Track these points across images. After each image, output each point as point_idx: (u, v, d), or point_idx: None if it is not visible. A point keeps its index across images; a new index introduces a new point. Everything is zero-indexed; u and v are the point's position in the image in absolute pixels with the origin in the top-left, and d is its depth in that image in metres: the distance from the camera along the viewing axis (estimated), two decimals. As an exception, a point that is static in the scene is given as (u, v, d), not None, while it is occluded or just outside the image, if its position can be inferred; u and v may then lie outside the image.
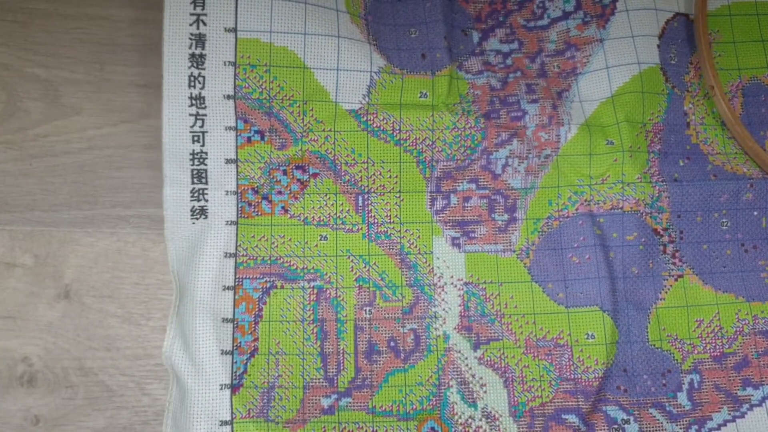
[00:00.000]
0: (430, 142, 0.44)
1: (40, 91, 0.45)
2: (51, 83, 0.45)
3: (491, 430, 0.41)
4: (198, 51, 0.42)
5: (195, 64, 0.42)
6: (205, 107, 0.42)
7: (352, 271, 0.43)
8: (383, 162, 0.44)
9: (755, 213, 0.45)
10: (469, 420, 0.41)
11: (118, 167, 0.44)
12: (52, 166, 0.44)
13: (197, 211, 0.42)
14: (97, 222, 0.44)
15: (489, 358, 0.42)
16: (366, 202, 0.44)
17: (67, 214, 0.44)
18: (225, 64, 0.43)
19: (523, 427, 0.41)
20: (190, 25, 0.42)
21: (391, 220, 0.44)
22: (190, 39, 0.42)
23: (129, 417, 0.43)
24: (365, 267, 0.43)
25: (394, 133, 0.44)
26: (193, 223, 0.42)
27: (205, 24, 0.42)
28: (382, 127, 0.44)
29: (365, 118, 0.44)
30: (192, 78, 0.42)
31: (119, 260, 0.43)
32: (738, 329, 0.43)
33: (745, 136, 0.44)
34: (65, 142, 0.44)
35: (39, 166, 0.44)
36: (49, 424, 0.42)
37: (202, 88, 0.42)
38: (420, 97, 0.44)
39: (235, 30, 0.43)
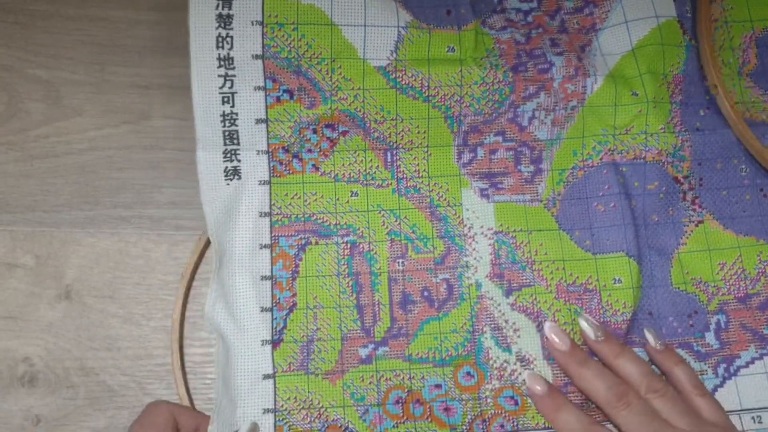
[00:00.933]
0: (459, 98, 0.45)
1: (41, 92, 0.45)
2: (52, 84, 0.45)
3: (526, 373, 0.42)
4: (225, 11, 0.43)
5: (222, 25, 0.43)
6: (234, 68, 0.43)
7: (384, 225, 0.44)
8: (411, 119, 0.44)
9: (774, 159, 0.46)
10: (504, 364, 0.42)
11: (119, 168, 0.45)
12: (54, 166, 0.45)
13: (230, 171, 0.43)
14: (98, 222, 0.44)
15: (521, 304, 0.43)
16: (395, 158, 0.44)
17: (68, 214, 0.44)
18: (253, 24, 0.43)
19: (557, 370, 0.42)
20: None
21: (420, 175, 0.44)
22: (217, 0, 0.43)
23: (130, 417, 0.43)
24: (396, 221, 0.44)
25: (423, 90, 0.44)
26: (228, 184, 0.42)
27: None
28: (410, 84, 0.44)
29: (394, 75, 0.44)
30: (220, 38, 0.43)
31: (120, 261, 0.44)
32: (760, 270, 0.44)
33: (748, 136, 0.45)
34: (66, 143, 0.45)
35: (40, 166, 0.44)
36: (50, 424, 0.42)
37: (231, 48, 0.43)
38: (448, 51, 0.45)
39: None
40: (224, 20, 0.42)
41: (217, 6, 0.42)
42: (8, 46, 0.46)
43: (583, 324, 0.41)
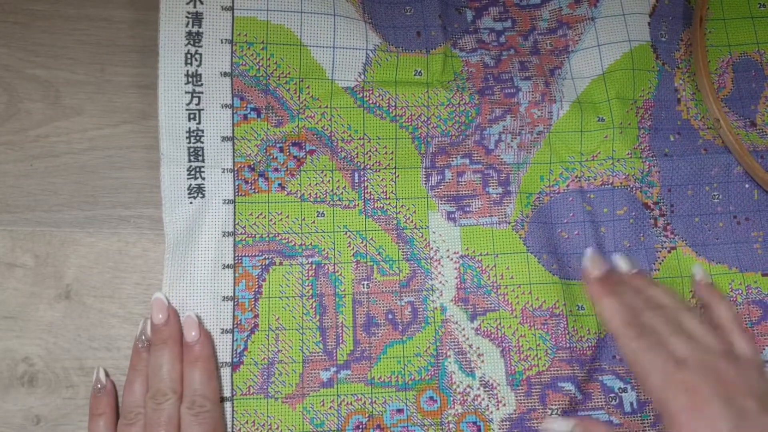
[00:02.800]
0: (426, 118, 0.44)
1: (40, 92, 0.45)
2: (52, 84, 0.45)
3: (489, 398, 0.41)
4: (195, 29, 0.43)
5: (192, 42, 0.43)
6: (202, 84, 0.43)
7: (350, 246, 0.43)
8: (379, 138, 0.44)
9: (746, 186, 0.45)
10: (467, 389, 0.41)
11: (119, 168, 0.44)
12: (53, 166, 0.44)
13: (194, 189, 0.42)
14: (97, 222, 0.44)
15: (486, 329, 0.42)
16: (362, 179, 0.44)
17: (68, 214, 0.44)
18: (222, 42, 0.43)
19: (520, 396, 0.41)
20: (187, 3, 0.43)
21: (387, 196, 0.44)
22: (187, 17, 0.43)
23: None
24: (362, 242, 0.43)
25: (390, 110, 0.44)
26: (191, 202, 0.42)
27: (201, 3, 0.43)
28: (378, 104, 0.44)
29: (361, 94, 0.44)
30: (189, 55, 0.43)
31: (120, 260, 0.43)
32: (732, 299, 0.44)
33: (755, 167, 0.44)
34: (66, 142, 0.45)
35: (40, 166, 0.44)
36: (50, 424, 0.42)
37: (199, 65, 0.43)
38: (415, 75, 0.45)
39: (231, 8, 0.43)
40: (194, 38, 0.43)
41: (187, 24, 0.43)
42: (8, 46, 0.46)
43: (619, 260, 0.41)
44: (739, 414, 0.33)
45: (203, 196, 0.42)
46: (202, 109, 0.43)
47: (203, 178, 0.42)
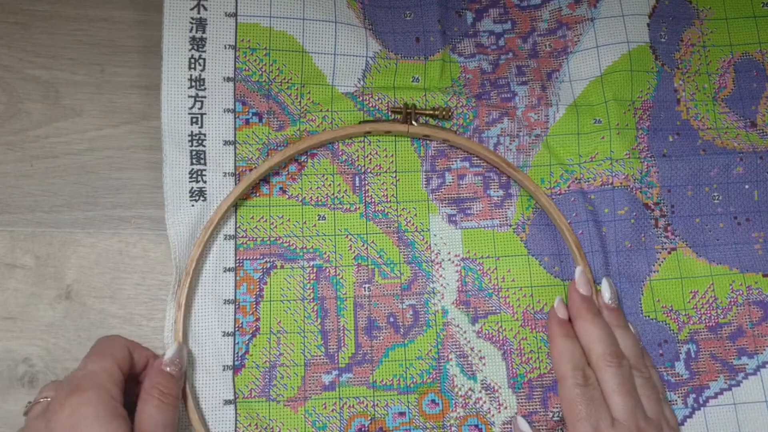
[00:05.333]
0: (424, 121, 0.44)
1: (41, 93, 0.45)
2: (52, 85, 0.45)
3: (491, 401, 0.41)
4: (199, 34, 0.43)
5: (195, 47, 0.43)
6: (205, 89, 0.43)
7: (351, 249, 0.43)
8: (379, 141, 0.44)
9: (746, 186, 0.45)
10: (469, 392, 0.41)
11: (119, 168, 0.45)
12: (53, 167, 0.44)
13: (196, 192, 0.42)
14: (98, 223, 0.44)
15: (487, 332, 0.42)
16: (363, 182, 0.44)
17: (68, 215, 0.44)
18: (225, 48, 0.43)
19: (522, 398, 0.41)
20: (191, 9, 0.43)
21: (388, 200, 0.44)
22: (191, 23, 0.43)
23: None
24: (363, 245, 0.43)
25: (389, 112, 0.44)
26: (192, 205, 0.42)
27: (206, 9, 0.43)
28: (377, 107, 0.44)
29: (361, 98, 0.45)
30: (192, 60, 0.43)
31: (120, 261, 0.44)
32: (732, 300, 0.44)
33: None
34: (66, 143, 0.45)
35: (40, 167, 0.44)
36: None
37: (203, 70, 0.43)
38: (412, 81, 0.45)
39: (235, 15, 0.44)
40: (197, 43, 0.43)
41: (191, 29, 0.43)
42: (8, 47, 0.46)
43: (605, 284, 0.42)
44: None
45: (205, 200, 0.42)
46: (205, 113, 0.43)
47: (205, 182, 0.43)
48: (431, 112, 0.44)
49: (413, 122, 0.44)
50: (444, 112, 0.44)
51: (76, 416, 0.34)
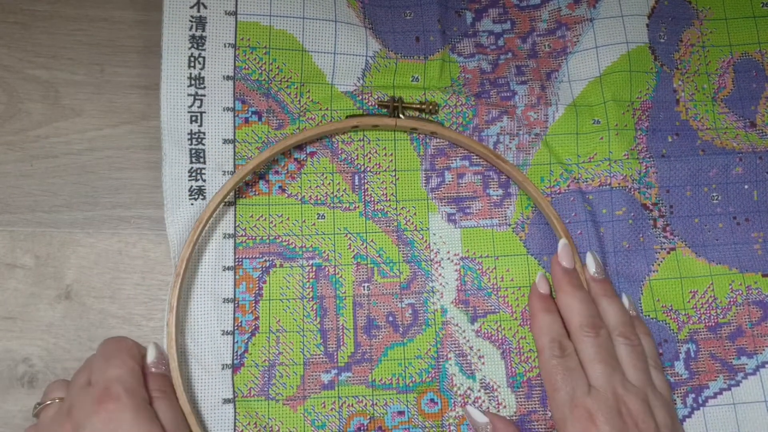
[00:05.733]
0: (427, 116, 0.44)
1: (40, 93, 0.45)
2: (52, 85, 0.45)
3: (490, 400, 0.41)
4: (198, 33, 0.43)
5: (195, 45, 0.43)
6: (204, 87, 0.43)
7: (350, 248, 0.43)
8: (378, 140, 0.44)
9: (746, 186, 0.45)
10: (468, 391, 0.41)
11: (119, 168, 0.45)
12: (53, 167, 0.44)
13: (195, 191, 0.42)
14: (97, 223, 0.44)
15: (486, 331, 0.42)
16: (362, 181, 0.44)
17: (68, 215, 0.44)
18: (225, 46, 0.43)
19: (521, 397, 0.41)
20: (191, 7, 0.43)
21: (388, 198, 0.44)
22: (191, 21, 0.43)
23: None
24: (363, 244, 0.43)
25: (376, 106, 0.44)
26: (192, 204, 0.42)
27: (205, 7, 0.43)
28: (376, 106, 0.44)
29: (360, 97, 0.45)
30: (192, 58, 0.43)
31: (120, 261, 0.44)
32: (732, 300, 0.44)
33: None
34: (66, 143, 0.45)
35: (40, 167, 0.44)
36: None
37: (202, 68, 0.43)
38: (412, 80, 0.45)
39: (235, 13, 0.44)
40: (197, 41, 0.43)
41: (191, 28, 0.43)
42: (8, 47, 0.46)
43: (590, 258, 0.42)
44: None
45: (204, 198, 0.42)
46: (204, 112, 0.43)
47: (204, 180, 0.43)
48: (418, 105, 0.44)
49: (400, 116, 0.44)
50: (430, 106, 0.44)
51: (114, 422, 0.34)
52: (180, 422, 0.37)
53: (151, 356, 0.39)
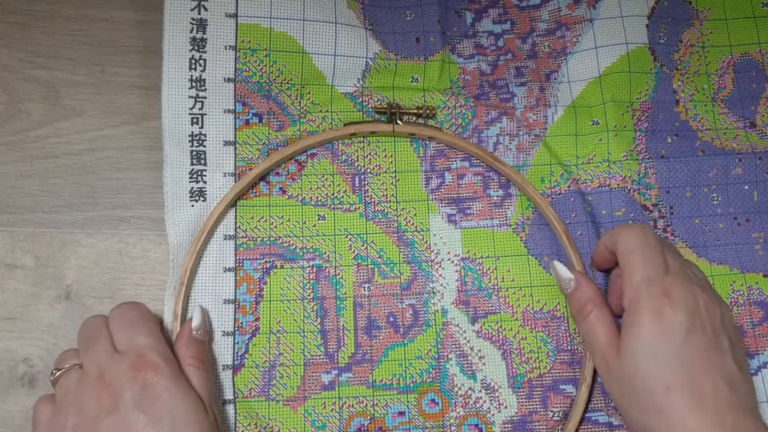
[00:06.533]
0: (422, 121, 0.44)
1: (41, 93, 0.45)
2: (52, 85, 0.45)
3: (491, 401, 0.41)
4: (199, 35, 0.43)
5: (196, 48, 0.43)
6: (206, 89, 0.43)
7: (351, 249, 0.43)
8: (378, 141, 0.45)
9: (746, 187, 0.45)
10: (469, 391, 0.41)
11: (119, 168, 0.45)
12: (53, 167, 0.44)
13: (196, 192, 0.43)
14: (97, 223, 0.44)
15: (487, 331, 0.42)
16: (363, 182, 0.44)
17: (68, 215, 0.44)
18: (226, 48, 0.44)
19: (522, 398, 0.41)
20: (192, 10, 0.43)
21: (388, 200, 0.44)
22: (192, 24, 0.43)
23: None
24: (363, 245, 0.43)
25: (388, 113, 0.44)
26: (192, 205, 0.42)
27: (206, 9, 0.44)
28: (376, 108, 0.45)
29: (360, 99, 0.45)
30: (193, 61, 0.43)
31: (120, 261, 0.44)
32: (733, 300, 0.44)
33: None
34: (66, 143, 0.45)
35: (40, 167, 0.44)
36: None
37: (203, 70, 0.43)
38: (412, 81, 0.45)
39: (235, 15, 0.44)
40: (198, 44, 0.43)
41: (191, 30, 0.43)
42: (8, 47, 0.46)
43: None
44: (695, 328, 0.35)
45: (204, 200, 0.42)
46: (205, 114, 0.43)
47: (205, 182, 0.43)
48: (415, 110, 0.44)
49: (398, 121, 0.44)
50: (427, 111, 0.44)
51: (155, 389, 0.35)
52: (211, 391, 0.38)
53: (196, 321, 0.40)
